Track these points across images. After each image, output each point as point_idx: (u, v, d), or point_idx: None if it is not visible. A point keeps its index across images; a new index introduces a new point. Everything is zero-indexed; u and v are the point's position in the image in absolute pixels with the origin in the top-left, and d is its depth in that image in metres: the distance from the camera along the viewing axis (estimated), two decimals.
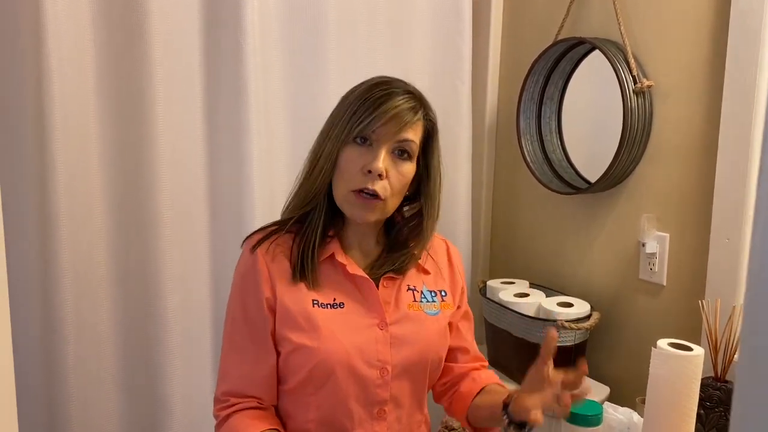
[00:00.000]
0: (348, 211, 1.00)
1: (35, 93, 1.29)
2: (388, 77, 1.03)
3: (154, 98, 1.38)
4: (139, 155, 1.40)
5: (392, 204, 1.01)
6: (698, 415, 1.09)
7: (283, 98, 1.56)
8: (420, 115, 1.00)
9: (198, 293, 1.50)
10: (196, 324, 1.50)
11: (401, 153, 0.99)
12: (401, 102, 0.97)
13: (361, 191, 0.97)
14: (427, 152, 1.04)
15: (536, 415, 0.89)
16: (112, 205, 1.41)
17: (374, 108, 0.96)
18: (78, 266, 1.37)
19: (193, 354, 1.49)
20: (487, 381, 1.13)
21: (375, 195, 0.97)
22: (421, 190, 1.06)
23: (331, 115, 1.03)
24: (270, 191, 1.52)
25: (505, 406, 0.98)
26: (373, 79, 1.02)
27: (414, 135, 0.99)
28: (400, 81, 1.03)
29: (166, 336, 1.45)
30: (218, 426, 1.03)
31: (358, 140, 0.98)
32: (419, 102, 1.01)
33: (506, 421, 0.97)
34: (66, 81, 1.31)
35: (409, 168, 1.01)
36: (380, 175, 0.96)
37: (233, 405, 1.01)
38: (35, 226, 1.33)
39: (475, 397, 1.10)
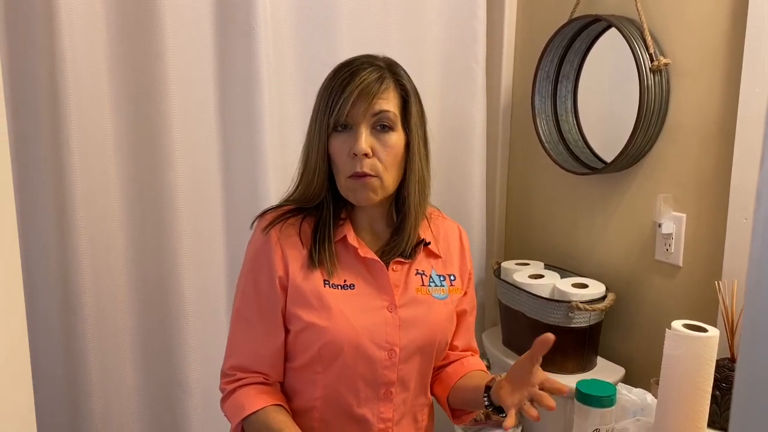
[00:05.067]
0: (351, 198, 1.00)
1: (50, 78, 1.30)
2: (355, 57, 1.02)
3: (167, 86, 1.40)
4: (153, 140, 1.42)
5: (389, 179, 1.00)
6: (713, 396, 1.08)
7: (295, 83, 1.56)
8: (388, 83, 0.98)
9: (213, 274, 1.52)
10: (212, 304, 1.52)
11: (382, 127, 0.98)
12: (365, 77, 0.96)
13: (352, 175, 0.97)
14: (405, 117, 1.01)
15: (510, 420, 0.91)
16: (129, 189, 1.44)
17: (341, 92, 0.96)
18: (96, 249, 1.40)
19: (209, 333, 1.51)
20: (474, 367, 1.15)
21: (365, 174, 0.97)
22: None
23: (312, 110, 1.02)
24: (283, 174, 1.52)
25: (487, 388, 1.01)
26: (340, 63, 1.01)
27: (388, 104, 0.98)
28: (367, 56, 1.01)
29: (183, 317, 1.48)
30: (224, 400, 1.04)
31: (339, 128, 0.98)
32: (386, 70, 0.99)
33: (486, 402, 1.00)
34: (79, 67, 1.33)
35: (395, 138, 0.99)
36: (366, 155, 0.96)
37: (240, 379, 1.02)
38: (52, 211, 1.35)
39: (459, 379, 1.12)
